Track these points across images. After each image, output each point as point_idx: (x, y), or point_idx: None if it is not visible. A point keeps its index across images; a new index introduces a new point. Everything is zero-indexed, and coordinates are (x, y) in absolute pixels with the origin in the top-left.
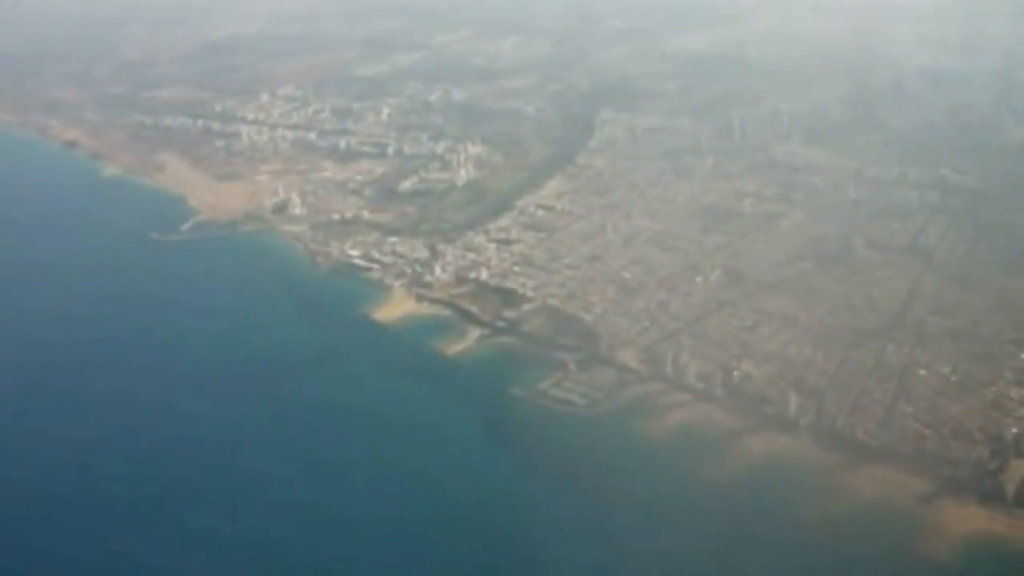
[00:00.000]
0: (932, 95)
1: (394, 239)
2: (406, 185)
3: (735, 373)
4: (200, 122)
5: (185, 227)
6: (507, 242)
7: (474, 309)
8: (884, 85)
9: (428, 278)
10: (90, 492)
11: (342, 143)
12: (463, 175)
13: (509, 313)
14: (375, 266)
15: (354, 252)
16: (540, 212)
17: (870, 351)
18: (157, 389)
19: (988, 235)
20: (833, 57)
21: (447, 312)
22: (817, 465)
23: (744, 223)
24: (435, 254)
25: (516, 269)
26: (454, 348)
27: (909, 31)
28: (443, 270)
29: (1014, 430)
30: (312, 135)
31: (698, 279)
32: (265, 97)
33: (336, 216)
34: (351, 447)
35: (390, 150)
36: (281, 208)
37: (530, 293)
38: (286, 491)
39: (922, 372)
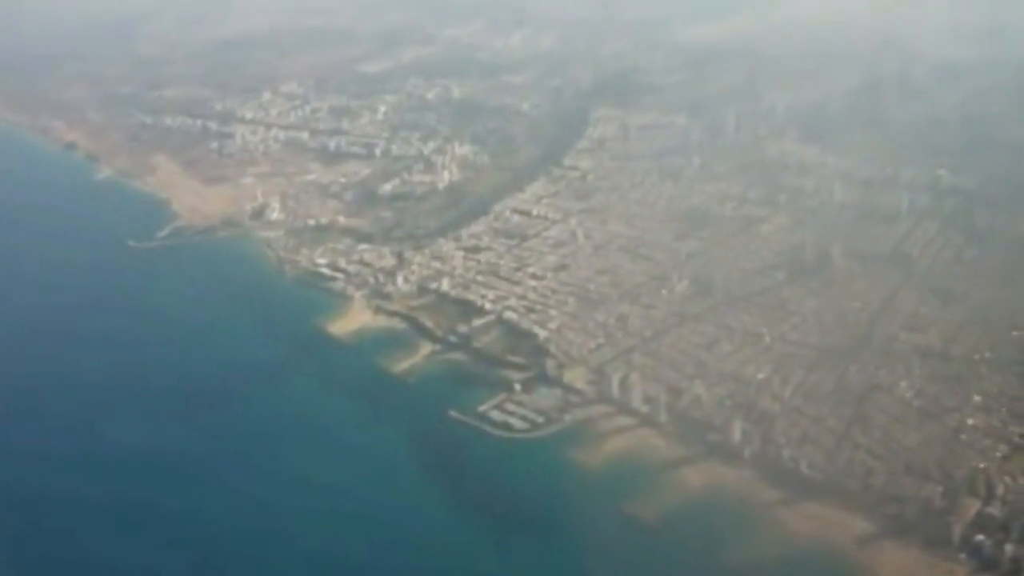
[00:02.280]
0: (943, 89)
1: (364, 246)
2: (387, 188)
3: (683, 396)
4: (199, 122)
5: (162, 233)
6: (476, 250)
7: (429, 323)
8: (893, 78)
9: (389, 289)
10: None
11: (332, 144)
12: (446, 177)
13: (463, 327)
14: (340, 275)
15: (322, 260)
16: (515, 217)
17: (831, 372)
18: (80, 408)
19: (978, 242)
20: (847, 48)
21: (402, 325)
22: (756, 500)
23: (722, 228)
24: (401, 262)
25: (479, 279)
26: (401, 365)
27: (934, 19)
28: (405, 280)
29: (980, 464)
30: (305, 135)
31: (664, 291)
32: (267, 95)
33: (312, 221)
34: (269, 474)
35: (378, 151)
36: (259, 213)
37: (488, 305)
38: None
39: (883, 396)
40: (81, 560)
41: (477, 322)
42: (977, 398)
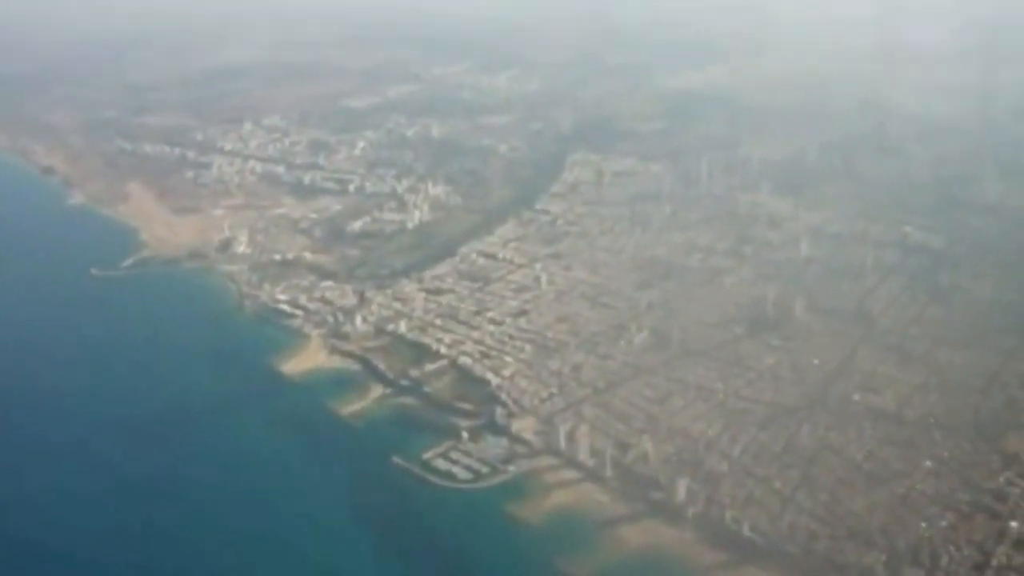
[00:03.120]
0: (919, 145)
1: (327, 283)
2: (356, 226)
3: (631, 451)
4: (177, 150)
5: (127, 262)
6: (438, 291)
7: (382, 365)
8: (870, 134)
9: (347, 328)
10: None
11: (307, 178)
12: (416, 217)
13: (415, 371)
14: (299, 312)
15: (282, 297)
16: (481, 260)
17: (782, 431)
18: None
19: (941, 301)
20: (826, 103)
21: (355, 367)
22: (694, 563)
23: (686, 279)
24: (363, 302)
25: (438, 322)
26: (350, 408)
27: (917, 75)
28: (364, 320)
29: (925, 532)
30: (281, 168)
31: (622, 341)
32: (248, 126)
33: (278, 256)
34: (189, 516)
35: (352, 187)
36: (226, 246)
37: (443, 350)
38: None
39: (832, 458)
40: None
41: (430, 366)
42: (928, 463)
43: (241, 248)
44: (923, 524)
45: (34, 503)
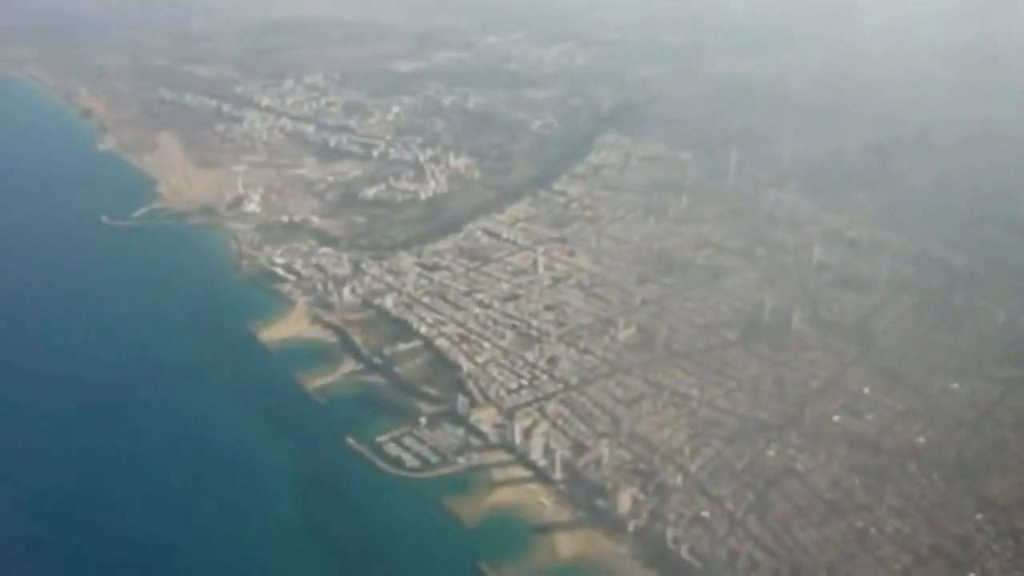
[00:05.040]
0: (962, 152)
1: (326, 250)
2: (370, 193)
3: (585, 454)
4: (215, 103)
5: (138, 213)
6: (434, 268)
7: (359, 340)
8: (915, 135)
9: (333, 299)
10: None
11: (333, 140)
12: (431, 188)
13: (390, 349)
14: (291, 278)
15: (279, 260)
16: (485, 238)
17: (748, 448)
18: None
19: (950, 324)
20: (881, 99)
21: (333, 339)
22: None
23: (688, 276)
24: (356, 272)
25: (425, 300)
26: (318, 381)
27: (986, 79)
28: (352, 292)
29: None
30: (310, 128)
31: (606, 336)
32: (289, 83)
33: (285, 218)
34: (113, 487)
35: (376, 153)
36: (237, 203)
37: (424, 329)
38: None
39: (794, 483)
40: None
41: (404, 346)
42: (895, 499)
43: (252, 207)
44: (875, 566)
45: None
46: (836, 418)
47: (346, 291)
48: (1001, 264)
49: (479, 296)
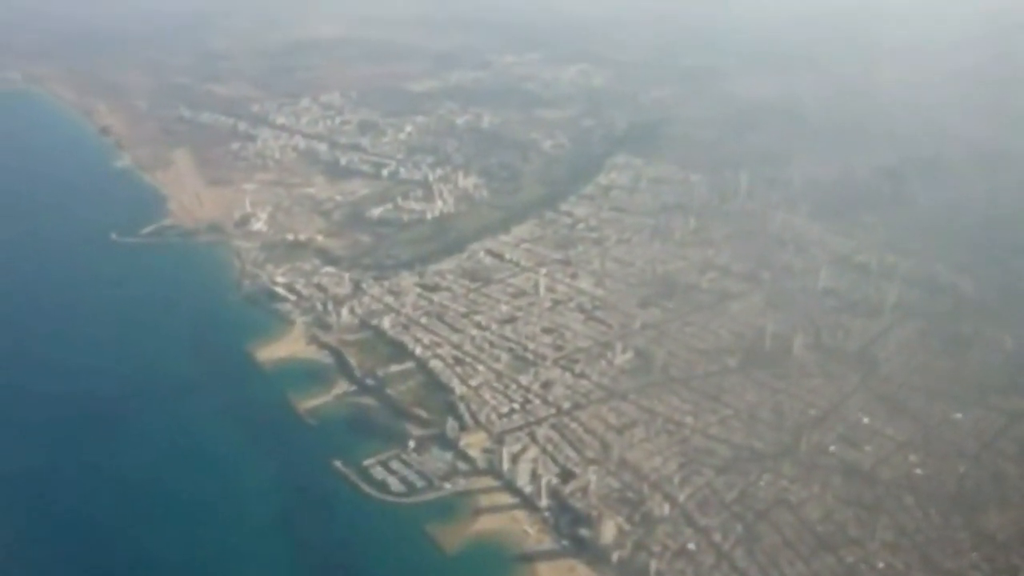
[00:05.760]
0: (975, 175)
1: (328, 269)
2: (377, 212)
3: (572, 482)
4: (232, 121)
5: (146, 230)
6: (434, 288)
7: (354, 361)
8: (929, 157)
9: (331, 319)
10: None
11: (344, 159)
12: (438, 208)
13: (383, 371)
14: (292, 297)
15: (281, 280)
16: (488, 259)
17: (740, 478)
18: None
19: (956, 351)
20: (897, 121)
21: (328, 360)
22: None
23: (691, 300)
24: (356, 292)
25: (423, 321)
26: (310, 403)
27: (1007, 102)
28: (351, 312)
29: None
30: (323, 147)
31: (603, 360)
32: (305, 102)
33: (291, 237)
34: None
35: (386, 172)
36: (244, 222)
37: (419, 351)
38: None
39: (785, 514)
40: None
41: (397, 367)
42: (888, 533)
43: (258, 225)
44: None
45: None
46: (833, 448)
47: (345, 311)
48: (1011, 289)
49: (477, 318)
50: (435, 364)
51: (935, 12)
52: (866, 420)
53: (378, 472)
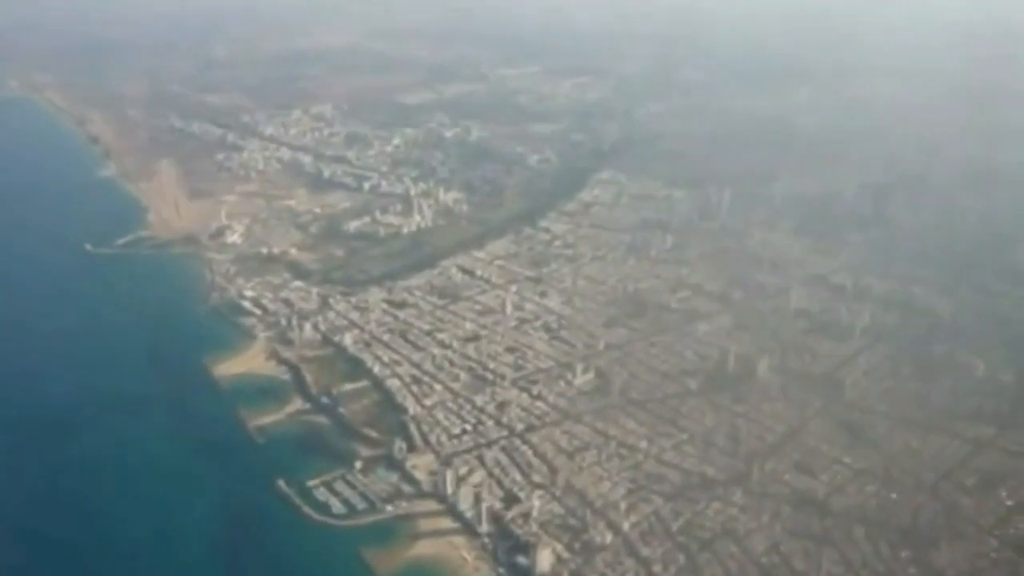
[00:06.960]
0: (962, 194)
1: (297, 284)
2: (353, 226)
3: (515, 507)
4: (221, 131)
5: (122, 241)
6: (401, 304)
7: (310, 378)
8: (916, 176)
9: (294, 335)
10: None
11: (328, 171)
12: (416, 222)
13: (338, 389)
14: (257, 311)
15: (249, 293)
16: (459, 276)
17: (688, 506)
18: None
19: (926, 376)
20: (889, 138)
21: (286, 376)
22: None
23: (659, 320)
24: (323, 307)
25: (386, 337)
26: (261, 420)
27: (980, 118)
28: (314, 328)
29: None
30: (308, 159)
31: (563, 381)
32: (296, 113)
33: (264, 250)
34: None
35: (368, 185)
36: (219, 234)
37: (377, 368)
38: None
39: (730, 546)
40: None
41: (351, 386)
42: (835, 567)
43: (234, 237)
44: None
45: None
46: (787, 476)
47: (308, 327)
48: (988, 312)
49: (441, 336)
50: (392, 383)
51: (928, 19)
52: (824, 447)
53: (321, 493)
